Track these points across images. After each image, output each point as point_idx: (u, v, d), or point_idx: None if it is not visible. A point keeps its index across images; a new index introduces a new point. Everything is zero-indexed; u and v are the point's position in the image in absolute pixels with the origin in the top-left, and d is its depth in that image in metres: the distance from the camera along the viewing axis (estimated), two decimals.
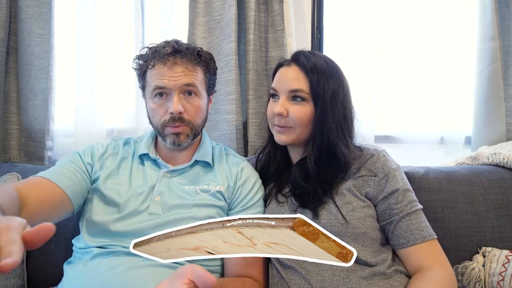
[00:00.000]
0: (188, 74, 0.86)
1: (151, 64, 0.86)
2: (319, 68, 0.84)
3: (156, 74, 0.86)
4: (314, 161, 0.85)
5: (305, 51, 0.90)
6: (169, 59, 0.85)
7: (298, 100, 0.85)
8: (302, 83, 0.84)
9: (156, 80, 0.86)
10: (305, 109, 0.85)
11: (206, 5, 1.33)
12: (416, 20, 1.38)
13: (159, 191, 0.87)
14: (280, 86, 0.88)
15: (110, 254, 0.79)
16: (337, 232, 0.79)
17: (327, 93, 0.83)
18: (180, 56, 0.86)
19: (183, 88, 0.86)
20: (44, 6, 1.32)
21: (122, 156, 0.94)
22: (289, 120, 0.86)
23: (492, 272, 0.92)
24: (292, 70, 0.86)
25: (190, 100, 0.88)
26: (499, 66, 1.22)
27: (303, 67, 0.85)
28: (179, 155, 0.94)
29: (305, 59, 0.85)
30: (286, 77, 0.87)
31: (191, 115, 0.88)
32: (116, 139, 0.99)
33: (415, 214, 0.82)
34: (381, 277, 0.78)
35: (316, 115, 0.84)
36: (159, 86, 0.85)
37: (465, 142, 1.37)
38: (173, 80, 0.85)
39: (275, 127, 0.89)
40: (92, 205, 0.86)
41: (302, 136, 0.87)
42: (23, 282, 1.01)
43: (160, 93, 0.86)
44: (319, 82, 0.83)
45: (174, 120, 0.86)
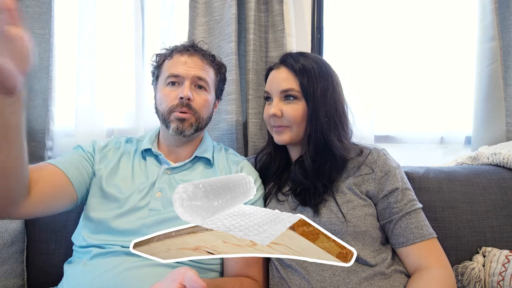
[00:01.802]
0: (202, 69, 0.93)
1: (170, 55, 0.94)
2: (307, 66, 0.87)
3: (173, 63, 0.93)
4: (311, 157, 0.87)
5: (293, 53, 0.93)
6: (188, 50, 0.93)
7: (291, 99, 0.88)
8: (292, 82, 0.87)
9: (172, 68, 0.92)
10: (298, 107, 0.87)
11: (206, 5, 1.33)
12: (416, 20, 1.38)
13: (160, 187, 0.87)
14: (271, 88, 0.91)
15: (110, 254, 0.79)
16: (338, 230, 0.80)
17: (316, 90, 0.86)
18: (198, 51, 0.95)
19: (195, 80, 0.92)
20: (44, 6, 1.32)
21: (123, 151, 0.95)
22: (284, 119, 0.88)
23: (492, 272, 0.92)
24: (281, 72, 0.90)
25: (200, 92, 0.93)
26: (499, 66, 1.22)
27: (291, 67, 0.88)
28: (180, 152, 0.95)
29: (293, 60, 0.89)
30: (276, 79, 0.90)
31: (199, 105, 0.92)
32: (118, 137, 1.01)
33: (414, 213, 0.82)
34: (381, 277, 0.78)
35: (309, 111, 0.87)
36: (173, 74, 0.91)
37: (465, 142, 1.37)
38: (189, 70, 0.91)
39: (273, 128, 0.92)
40: (93, 201, 0.87)
41: (299, 134, 0.89)
42: (23, 282, 1.01)
43: (172, 82, 0.91)
44: (308, 80, 0.86)
45: (182, 105, 0.89)
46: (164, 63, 0.95)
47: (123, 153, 0.95)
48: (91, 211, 0.86)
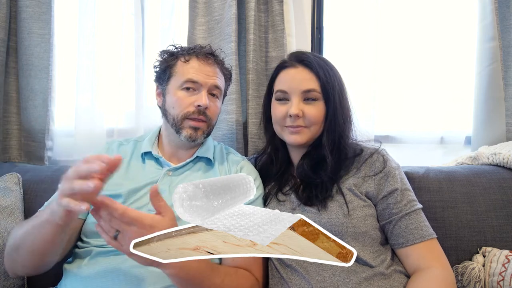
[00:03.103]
0: (218, 77, 0.93)
1: (185, 57, 0.92)
2: (324, 67, 0.88)
3: (190, 67, 0.91)
4: (330, 153, 0.87)
5: (307, 52, 0.92)
6: (207, 57, 0.92)
7: (311, 100, 0.87)
8: (314, 83, 0.86)
9: (191, 73, 0.90)
10: (319, 108, 0.87)
11: (206, 5, 1.33)
12: (416, 20, 1.38)
13: (160, 189, 0.87)
14: (291, 87, 0.88)
15: (110, 253, 0.79)
16: (338, 231, 0.80)
17: (334, 91, 0.87)
18: (215, 59, 0.95)
19: (212, 88, 0.92)
20: (44, 6, 1.32)
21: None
22: (305, 120, 0.87)
23: (492, 272, 0.92)
24: (301, 71, 0.88)
25: (213, 100, 0.94)
26: (499, 66, 1.22)
27: (312, 68, 0.87)
28: (182, 153, 0.95)
29: (311, 60, 0.88)
30: (297, 78, 0.88)
31: (213, 113, 0.93)
32: (110, 143, 1.00)
33: (414, 213, 0.82)
34: (381, 277, 0.78)
35: (329, 112, 0.87)
36: (192, 80, 0.90)
37: (465, 142, 1.37)
38: (207, 78, 0.91)
39: (286, 128, 0.90)
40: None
41: (315, 134, 0.90)
42: (23, 282, 1.01)
43: (188, 87, 0.90)
44: (328, 81, 0.86)
45: (199, 113, 0.90)
46: (178, 64, 0.92)
47: None
48: (88, 218, 0.86)
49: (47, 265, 0.80)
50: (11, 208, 1.03)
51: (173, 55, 0.94)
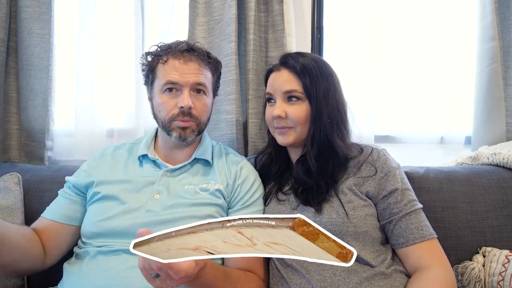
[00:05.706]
0: (200, 73, 0.89)
1: (163, 59, 0.88)
2: (308, 67, 0.87)
3: (169, 68, 0.88)
4: (314, 157, 0.87)
5: (292, 53, 0.92)
6: (184, 55, 0.88)
7: (294, 100, 0.87)
8: (294, 83, 0.87)
9: (169, 75, 0.87)
10: (301, 107, 0.87)
11: (206, 5, 1.33)
12: (416, 20, 1.38)
13: (158, 189, 0.87)
14: (274, 89, 0.90)
15: (110, 253, 0.79)
16: (338, 231, 0.80)
17: (319, 90, 0.86)
18: (195, 54, 0.89)
19: (194, 86, 0.89)
20: (44, 6, 1.32)
21: (112, 161, 0.94)
22: (289, 120, 0.87)
23: (492, 272, 0.92)
24: (283, 73, 0.89)
25: (199, 97, 0.90)
26: (499, 66, 1.22)
27: (293, 68, 0.87)
28: (179, 154, 0.94)
29: (293, 61, 0.88)
30: (278, 80, 0.89)
31: (199, 112, 0.90)
32: (105, 148, 1.00)
33: (414, 213, 0.82)
34: (381, 277, 0.78)
35: (312, 112, 0.86)
36: (171, 81, 0.87)
37: (465, 142, 1.37)
38: (186, 76, 0.87)
39: (276, 129, 0.91)
40: (89, 212, 0.88)
41: (302, 134, 0.89)
42: (23, 282, 1.01)
43: (170, 88, 0.88)
44: (310, 81, 0.86)
45: (183, 114, 0.87)
46: (158, 66, 0.89)
47: (113, 163, 0.94)
48: (87, 220, 0.87)
49: (26, 271, 0.87)
50: (11, 208, 1.03)
51: (154, 56, 0.91)
